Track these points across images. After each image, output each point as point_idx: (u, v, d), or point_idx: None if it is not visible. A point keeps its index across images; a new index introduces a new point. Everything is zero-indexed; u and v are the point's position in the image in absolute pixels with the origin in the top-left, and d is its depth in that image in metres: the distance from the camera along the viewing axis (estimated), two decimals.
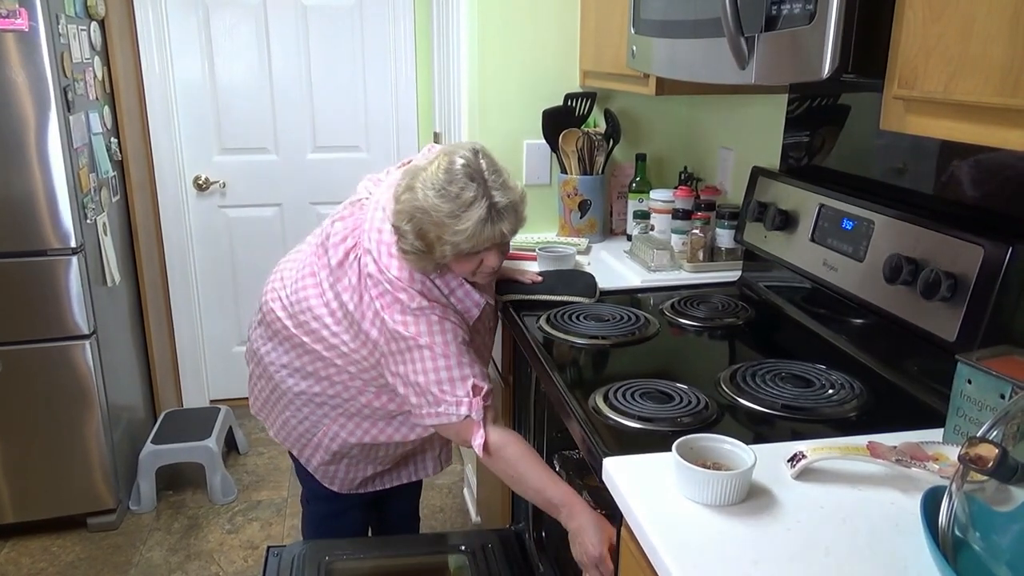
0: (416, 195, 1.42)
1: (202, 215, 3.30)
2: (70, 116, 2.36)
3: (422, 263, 1.47)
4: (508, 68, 2.31)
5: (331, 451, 1.74)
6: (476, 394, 1.46)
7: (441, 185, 1.40)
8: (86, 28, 2.57)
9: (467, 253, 1.44)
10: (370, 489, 1.86)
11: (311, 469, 1.80)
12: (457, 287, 1.55)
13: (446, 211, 1.39)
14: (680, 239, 2.06)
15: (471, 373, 1.47)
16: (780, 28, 1.12)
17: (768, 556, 0.89)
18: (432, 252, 1.44)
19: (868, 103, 1.55)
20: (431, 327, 1.47)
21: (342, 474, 1.80)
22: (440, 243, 1.41)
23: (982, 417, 1.06)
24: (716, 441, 1.05)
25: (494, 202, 1.40)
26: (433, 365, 1.46)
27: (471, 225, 1.38)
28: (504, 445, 1.46)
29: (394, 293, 1.48)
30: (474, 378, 1.47)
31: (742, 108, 2.13)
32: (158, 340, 3.16)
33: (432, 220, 1.40)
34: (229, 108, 3.22)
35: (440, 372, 1.46)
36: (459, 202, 1.38)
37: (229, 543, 2.60)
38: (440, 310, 1.49)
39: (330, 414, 1.70)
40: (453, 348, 1.47)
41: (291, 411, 1.73)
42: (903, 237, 1.34)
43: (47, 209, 2.34)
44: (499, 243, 1.46)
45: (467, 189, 1.39)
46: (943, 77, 0.89)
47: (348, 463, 1.79)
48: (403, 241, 1.45)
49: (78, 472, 2.57)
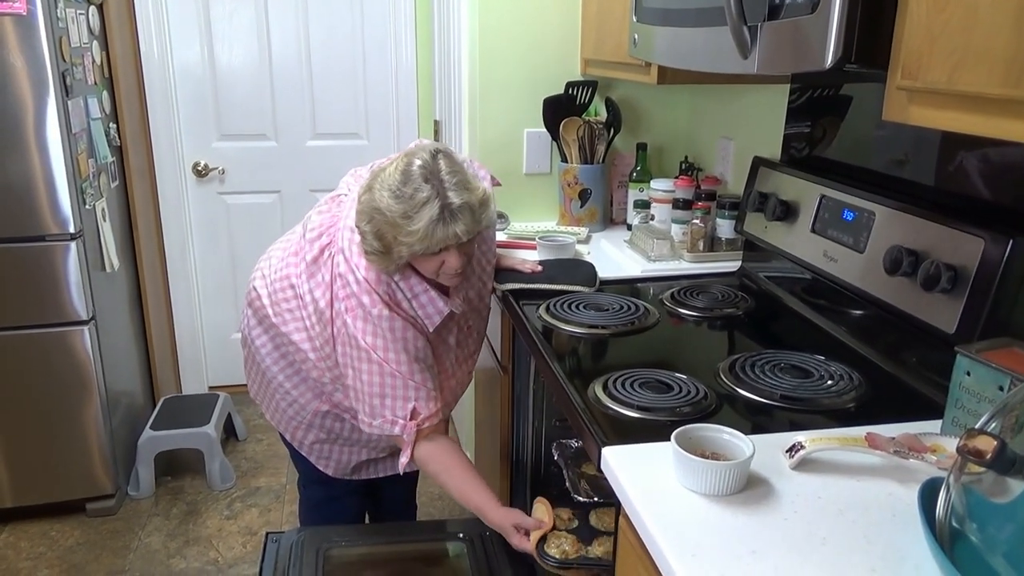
0: (373, 196, 1.43)
1: (201, 201, 3.30)
2: (68, 101, 2.35)
3: (383, 263, 1.47)
4: (509, 56, 2.30)
5: (321, 434, 1.76)
6: (413, 417, 1.51)
7: (396, 186, 1.40)
8: (84, 12, 2.55)
9: (423, 254, 1.44)
10: (363, 476, 1.87)
11: (304, 451, 1.81)
12: (421, 292, 1.54)
13: (399, 212, 1.39)
14: (680, 229, 2.05)
15: (415, 396, 1.51)
16: (783, 17, 1.11)
17: (766, 546, 0.90)
18: (390, 253, 1.44)
19: (870, 93, 1.54)
20: (387, 342, 1.49)
21: (336, 456, 1.81)
22: (396, 244, 1.42)
23: (980, 409, 1.06)
24: (715, 431, 1.05)
25: (448, 202, 1.39)
26: (380, 380, 1.50)
27: (423, 226, 1.38)
28: (426, 462, 1.55)
29: (359, 296, 1.50)
30: (416, 401, 1.51)
31: (743, 98, 2.12)
32: (157, 326, 3.16)
33: (387, 221, 1.40)
34: (228, 94, 3.20)
35: (385, 388, 1.50)
36: (412, 203, 1.38)
37: (227, 529, 2.61)
38: (400, 322, 1.50)
39: (313, 401, 1.72)
40: (404, 368, 1.50)
41: (280, 394, 1.75)
42: (904, 229, 1.34)
43: (46, 194, 2.33)
44: (456, 244, 1.44)
45: (421, 190, 1.38)
46: (947, 68, 0.88)
47: (341, 445, 1.79)
48: (364, 242, 1.47)
49: (77, 457, 2.58)
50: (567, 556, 1.41)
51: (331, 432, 1.76)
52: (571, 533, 1.46)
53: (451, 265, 1.47)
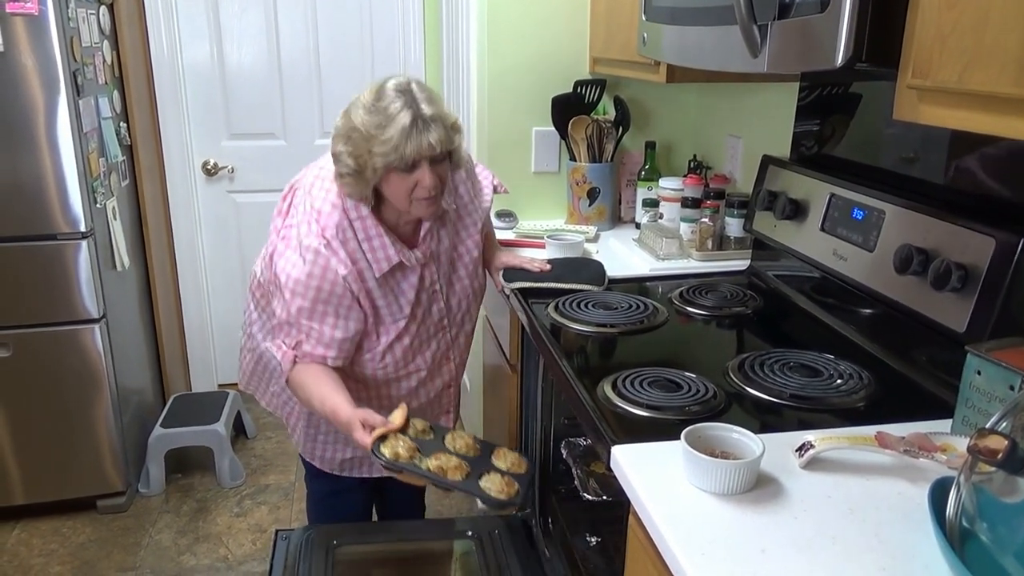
0: (348, 116, 1.48)
1: (210, 200, 3.31)
2: (79, 100, 2.36)
3: (357, 185, 1.50)
4: (518, 55, 2.31)
5: (310, 428, 1.78)
6: (296, 348, 1.56)
7: (370, 103, 1.45)
8: (95, 12, 2.56)
9: (398, 168, 1.45)
10: (354, 474, 1.86)
11: (294, 443, 1.85)
12: (375, 236, 1.56)
13: (372, 124, 1.43)
14: (689, 227, 2.05)
15: (305, 335, 1.54)
16: (793, 16, 1.11)
17: (776, 545, 0.90)
18: (364, 171, 1.47)
19: (880, 92, 1.54)
20: (300, 278, 1.52)
21: (320, 451, 1.82)
22: (371, 158, 1.44)
23: (991, 408, 1.06)
24: (724, 430, 1.05)
25: (420, 113, 1.43)
26: (284, 310, 1.55)
27: (396, 133, 1.41)
28: (296, 386, 1.58)
29: (299, 226, 1.55)
30: (305, 338, 1.54)
31: (752, 96, 2.12)
32: (167, 324, 3.18)
33: (362, 135, 1.44)
34: (238, 93, 3.22)
35: (283, 318, 1.56)
36: (386, 114, 1.42)
37: (237, 526, 2.62)
38: (325, 259, 1.52)
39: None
40: (306, 308, 1.53)
41: (275, 378, 1.78)
42: (914, 227, 1.34)
43: (57, 193, 2.35)
44: (428, 156, 1.46)
45: (394, 102, 1.43)
46: (957, 67, 0.88)
47: (324, 440, 1.80)
48: (339, 164, 1.49)
49: (88, 455, 2.59)
50: (398, 458, 1.38)
51: (310, 420, 1.77)
52: (416, 442, 1.43)
53: (424, 183, 1.47)
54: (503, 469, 1.45)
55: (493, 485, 1.38)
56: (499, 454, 1.49)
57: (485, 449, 1.50)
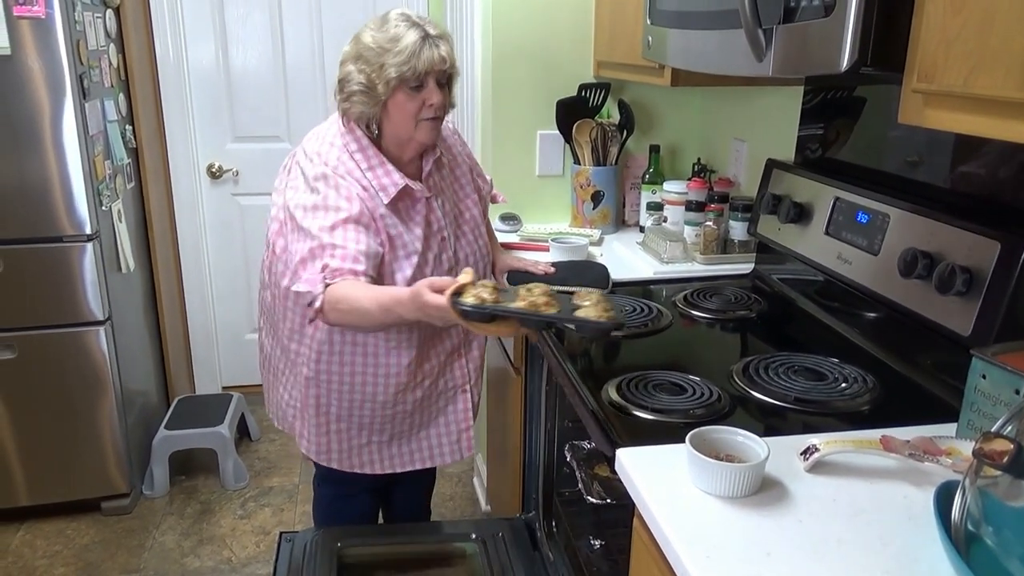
0: (358, 40, 1.55)
1: (215, 203, 3.32)
2: (86, 103, 2.37)
3: (367, 104, 1.55)
4: (522, 58, 2.31)
5: (312, 410, 1.74)
6: (323, 270, 1.48)
7: (379, 26, 1.54)
8: (101, 15, 2.57)
9: (407, 85, 1.52)
10: (368, 470, 1.82)
11: (304, 448, 1.81)
12: (378, 165, 1.60)
13: (384, 39, 1.51)
14: (693, 231, 2.05)
15: (330, 255, 1.49)
16: (798, 20, 1.11)
17: (781, 548, 0.90)
18: (375, 88, 1.53)
19: (885, 95, 1.54)
20: (316, 201, 1.53)
21: (335, 444, 1.78)
22: (383, 71, 1.50)
23: (996, 412, 1.06)
24: (729, 433, 1.05)
25: (427, 30, 1.53)
26: (301, 245, 1.52)
27: (409, 44, 1.49)
28: (337, 300, 1.45)
29: (301, 166, 1.60)
30: (331, 260, 1.48)
31: (756, 100, 2.12)
32: (171, 327, 3.19)
33: (374, 51, 1.51)
34: (243, 96, 3.23)
35: (304, 251, 1.51)
36: (396, 31, 1.51)
37: (241, 528, 2.62)
38: (336, 180, 1.55)
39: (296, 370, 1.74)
40: (326, 229, 1.50)
41: (281, 382, 1.80)
42: (919, 231, 1.34)
43: (63, 196, 2.36)
44: (438, 70, 1.54)
45: (400, 25, 1.53)
46: (963, 71, 0.88)
47: (337, 428, 1.76)
48: (349, 84, 1.55)
49: (92, 456, 2.60)
50: (484, 302, 1.25)
51: (319, 410, 1.73)
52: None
53: (432, 101, 1.55)
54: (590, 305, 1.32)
55: (591, 313, 1.28)
56: (580, 295, 1.36)
57: (564, 296, 1.36)
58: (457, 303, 1.26)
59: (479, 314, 1.26)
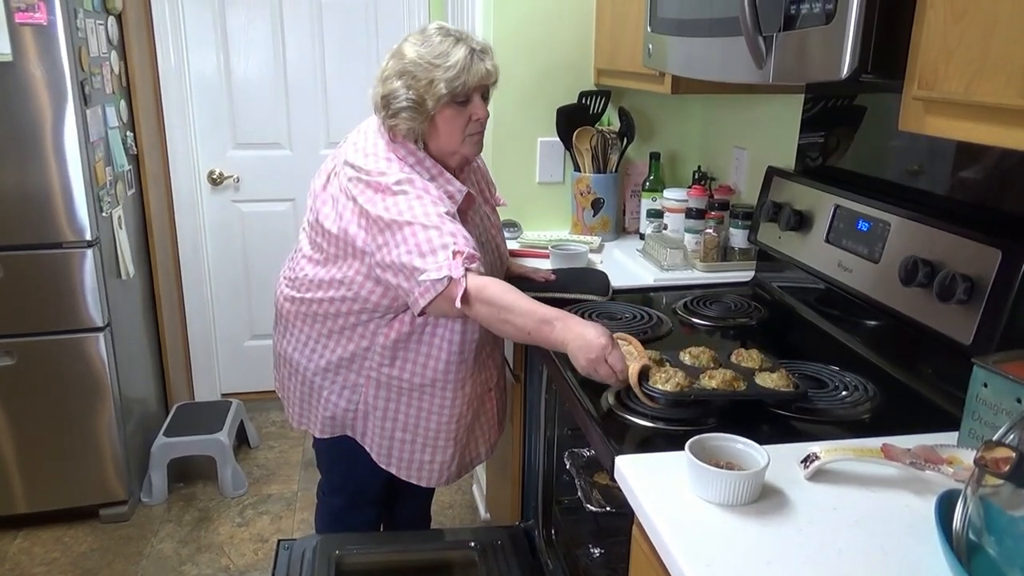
0: (402, 55, 1.54)
1: (216, 209, 3.32)
2: (87, 110, 2.38)
3: (415, 120, 1.53)
4: (523, 65, 2.31)
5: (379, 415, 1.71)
6: (456, 257, 1.44)
7: (422, 41, 1.53)
8: (103, 22, 2.58)
9: (455, 100, 1.52)
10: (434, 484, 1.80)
11: (367, 446, 1.75)
12: (438, 175, 1.58)
13: (432, 55, 1.51)
14: (693, 238, 2.05)
15: (452, 241, 1.45)
16: (798, 27, 1.11)
17: (781, 556, 0.89)
18: (424, 104, 1.52)
19: (885, 103, 1.54)
20: (411, 202, 1.49)
21: (397, 454, 1.74)
22: (432, 87, 1.50)
23: (998, 421, 1.05)
24: (729, 441, 1.05)
25: (472, 46, 1.54)
26: (415, 241, 1.46)
27: (460, 59, 1.50)
28: (483, 287, 1.42)
29: (374, 179, 1.52)
30: (455, 245, 1.45)
31: (756, 108, 2.12)
32: (171, 333, 3.18)
33: (422, 67, 1.51)
34: (244, 103, 3.23)
35: (422, 246, 1.45)
36: (443, 46, 1.51)
37: (239, 536, 2.61)
38: (420, 180, 1.53)
39: (363, 373, 1.69)
40: (435, 219, 1.46)
41: (331, 391, 1.72)
42: (919, 239, 1.33)
43: (63, 202, 2.36)
44: (485, 84, 1.56)
45: (446, 39, 1.53)
46: (964, 78, 0.88)
47: (402, 441, 1.73)
48: (395, 101, 1.53)
49: (91, 463, 2.59)
50: (681, 388, 1.21)
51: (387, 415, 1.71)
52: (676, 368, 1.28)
53: (479, 115, 1.57)
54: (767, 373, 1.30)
55: (773, 382, 1.27)
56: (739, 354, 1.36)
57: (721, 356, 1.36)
58: (650, 389, 1.23)
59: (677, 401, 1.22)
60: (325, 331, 1.69)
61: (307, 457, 3.08)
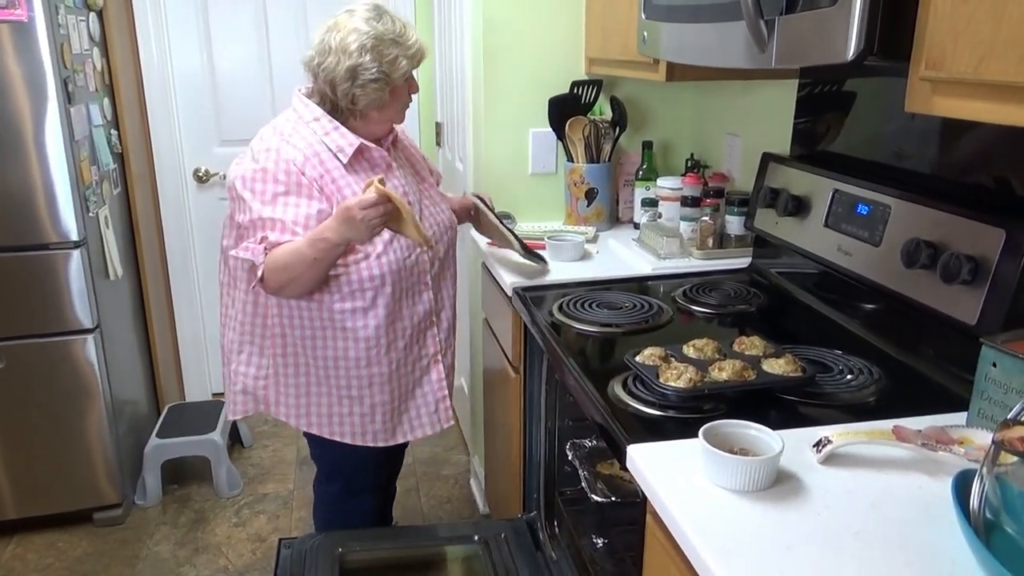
0: (360, 31, 1.60)
1: (202, 207, 3.28)
2: (71, 108, 2.34)
3: (380, 92, 1.63)
4: (513, 56, 2.30)
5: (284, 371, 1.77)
6: (263, 242, 1.59)
7: (377, 17, 1.62)
8: (85, 19, 2.54)
9: (408, 77, 1.67)
10: (359, 442, 1.82)
11: (283, 416, 1.81)
12: (332, 130, 1.67)
13: (392, 32, 1.62)
14: (690, 226, 2.05)
15: (270, 229, 1.59)
16: (800, 10, 1.11)
17: (800, 540, 0.89)
18: (392, 74, 1.62)
19: (882, 86, 1.54)
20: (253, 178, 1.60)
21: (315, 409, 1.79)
22: (396, 64, 1.62)
23: (1008, 400, 1.05)
24: (742, 427, 1.04)
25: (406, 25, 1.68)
26: (244, 217, 1.62)
27: (417, 42, 1.66)
28: (271, 270, 1.58)
29: (251, 144, 1.67)
30: (271, 232, 1.58)
31: (749, 94, 2.12)
32: (160, 333, 3.15)
33: (387, 43, 1.61)
34: (228, 99, 3.20)
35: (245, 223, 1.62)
36: (397, 26, 1.63)
37: (236, 536, 2.59)
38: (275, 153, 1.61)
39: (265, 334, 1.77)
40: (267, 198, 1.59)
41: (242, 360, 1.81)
42: (921, 221, 1.33)
43: (49, 202, 2.32)
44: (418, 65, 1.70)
45: (396, 21, 1.65)
46: (973, 58, 0.88)
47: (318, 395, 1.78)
48: (365, 73, 1.60)
49: (83, 467, 2.56)
50: (694, 383, 1.22)
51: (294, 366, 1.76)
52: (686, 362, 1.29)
53: (416, 88, 1.72)
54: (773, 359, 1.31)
55: (780, 368, 1.27)
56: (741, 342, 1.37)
57: (724, 345, 1.37)
58: (665, 388, 1.22)
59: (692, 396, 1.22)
60: (229, 300, 1.81)
61: (302, 455, 3.06)
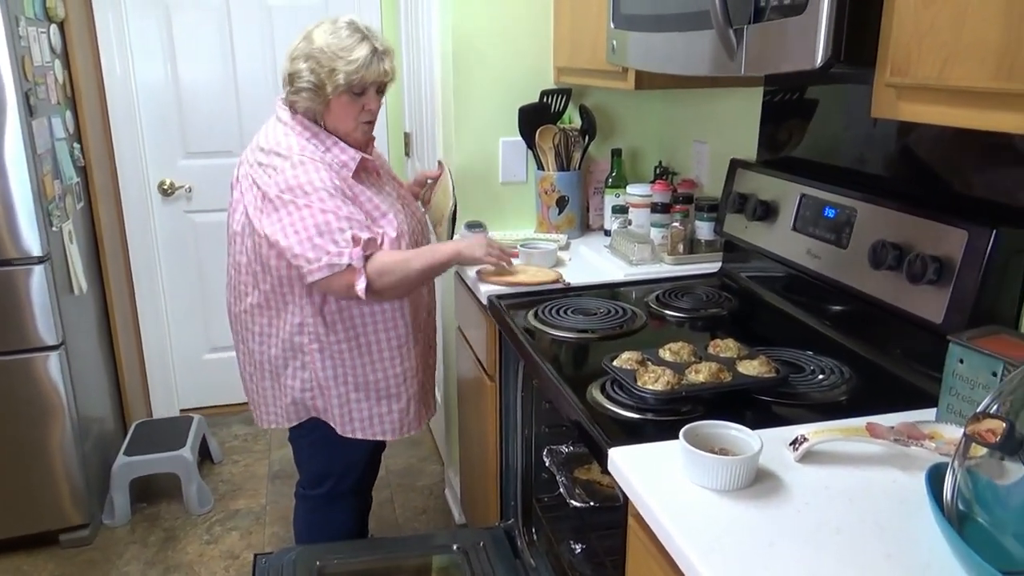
0: (312, 41, 1.67)
1: (168, 220, 3.24)
2: (32, 121, 2.29)
3: (313, 100, 1.70)
4: (483, 66, 2.31)
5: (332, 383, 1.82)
6: (356, 244, 1.64)
7: (332, 31, 1.68)
8: (46, 31, 2.49)
9: (351, 91, 1.68)
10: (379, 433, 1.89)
11: (332, 422, 1.85)
12: (332, 145, 1.74)
13: (338, 46, 1.65)
14: (660, 232, 2.07)
15: (348, 225, 1.65)
16: (768, 19, 1.13)
17: (782, 537, 0.90)
18: (324, 88, 1.67)
19: (846, 93, 1.58)
20: (305, 187, 1.64)
21: (357, 415, 1.86)
22: (333, 76, 1.65)
23: (975, 395, 1.09)
24: (722, 427, 1.06)
25: (376, 46, 1.70)
26: (312, 222, 1.63)
27: (362, 56, 1.66)
28: (381, 272, 1.66)
29: (272, 163, 1.68)
30: (352, 230, 1.65)
31: (715, 102, 2.15)
32: (126, 349, 3.09)
33: (327, 55, 1.65)
34: (193, 111, 3.16)
35: (320, 226, 1.63)
36: (349, 41, 1.66)
37: (209, 554, 2.55)
38: (313, 165, 1.67)
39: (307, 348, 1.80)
40: (329, 203, 1.64)
41: (286, 376, 1.82)
42: (887, 223, 1.37)
43: (10, 218, 2.27)
44: (380, 82, 1.73)
45: (354, 34, 1.68)
46: (937, 63, 0.91)
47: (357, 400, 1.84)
48: (298, 80, 1.68)
49: (48, 487, 2.49)
50: (672, 387, 1.22)
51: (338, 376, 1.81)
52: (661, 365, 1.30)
53: (371, 107, 1.74)
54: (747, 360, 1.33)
55: (755, 369, 1.29)
56: (716, 345, 1.39)
57: (699, 348, 1.39)
58: (643, 391, 1.23)
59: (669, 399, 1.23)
60: (266, 320, 1.81)
61: (274, 470, 3.02)
